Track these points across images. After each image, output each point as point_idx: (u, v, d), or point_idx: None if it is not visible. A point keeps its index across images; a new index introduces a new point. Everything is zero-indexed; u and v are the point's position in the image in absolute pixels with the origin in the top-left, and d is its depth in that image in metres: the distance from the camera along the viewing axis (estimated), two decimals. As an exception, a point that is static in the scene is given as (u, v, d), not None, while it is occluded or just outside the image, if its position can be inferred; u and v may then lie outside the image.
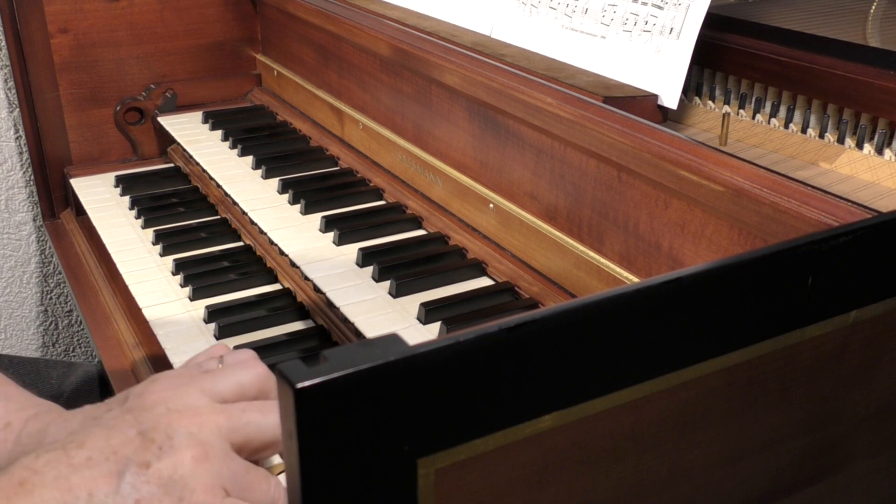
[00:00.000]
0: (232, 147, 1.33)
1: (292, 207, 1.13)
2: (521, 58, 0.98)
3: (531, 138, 0.92)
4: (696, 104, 0.96)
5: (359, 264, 0.99)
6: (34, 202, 1.59)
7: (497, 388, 0.38)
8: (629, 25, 0.92)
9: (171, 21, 1.45)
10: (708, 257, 0.74)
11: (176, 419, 0.57)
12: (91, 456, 0.53)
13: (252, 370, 0.64)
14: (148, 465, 0.54)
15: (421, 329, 0.87)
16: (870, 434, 0.56)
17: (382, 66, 1.18)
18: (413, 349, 0.35)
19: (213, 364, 0.69)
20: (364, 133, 1.25)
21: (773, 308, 0.45)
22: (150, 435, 0.55)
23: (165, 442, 0.55)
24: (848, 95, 0.83)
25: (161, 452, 0.54)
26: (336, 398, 0.34)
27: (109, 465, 0.53)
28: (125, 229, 1.19)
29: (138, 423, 0.56)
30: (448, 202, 1.07)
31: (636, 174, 0.79)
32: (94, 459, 0.53)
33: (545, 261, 0.92)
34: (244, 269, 1.06)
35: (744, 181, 0.67)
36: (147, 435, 0.55)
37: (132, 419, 0.56)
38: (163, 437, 0.55)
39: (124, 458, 0.54)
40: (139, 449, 0.54)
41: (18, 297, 1.66)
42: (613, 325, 0.40)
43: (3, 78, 1.51)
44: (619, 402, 0.42)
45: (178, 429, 0.56)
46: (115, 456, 0.54)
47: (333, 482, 0.36)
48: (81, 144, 1.44)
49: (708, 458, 0.48)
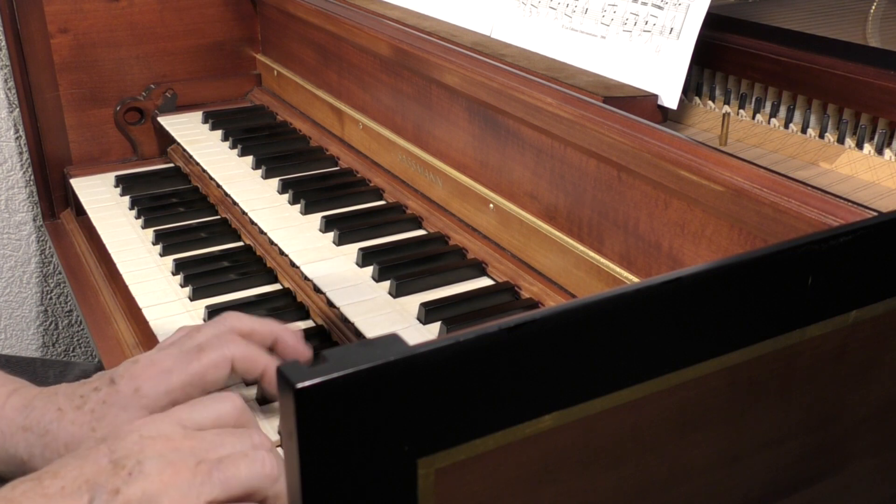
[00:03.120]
0: (232, 147, 1.33)
1: (292, 207, 1.13)
2: (521, 58, 0.98)
3: (531, 138, 0.92)
4: (696, 104, 0.96)
5: (359, 264, 0.99)
6: (34, 202, 1.59)
7: (497, 388, 0.38)
8: (629, 25, 0.92)
9: (171, 21, 1.45)
10: (708, 257, 0.74)
11: (148, 445, 0.58)
12: (64, 485, 0.55)
13: (229, 402, 0.65)
14: (117, 490, 0.55)
15: (421, 329, 0.87)
16: (870, 434, 0.56)
17: (382, 66, 1.18)
18: (413, 349, 0.35)
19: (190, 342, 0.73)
20: (364, 133, 1.25)
21: (773, 308, 0.45)
22: (121, 462, 0.56)
23: (135, 468, 0.56)
24: (848, 95, 0.83)
25: (130, 478, 0.55)
26: (336, 398, 0.34)
27: (81, 493, 0.55)
28: (125, 229, 1.19)
29: (111, 453, 0.57)
30: (448, 202, 1.07)
31: (636, 174, 0.79)
32: (66, 489, 0.55)
33: (545, 261, 0.92)
34: (244, 269, 1.06)
35: (744, 181, 0.67)
36: (119, 463, 0.56)
37: (106, 449, 0.58)
38: (133, 462, 0.56)
39: (95, 485, 0.55)
40: (110, 476, 0.56)
41: (18, 297, 1.66)
42: (613, 325, 0.40)
43: (3, 78, 1.51)
44: (619, 402, 0.42)
45: (148, 454, 0.57)
46: (86, 484, 0.55)
47: (333, 482, 0.36)
48: (81, 144, 1.44)
49: (708, 458, 0.48)
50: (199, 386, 0.72)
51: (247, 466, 0.58)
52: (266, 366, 0.75)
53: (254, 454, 0.59)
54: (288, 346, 0.79)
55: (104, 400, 0.69)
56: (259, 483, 0.58)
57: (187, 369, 0.71)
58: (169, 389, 0.70)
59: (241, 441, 0.60)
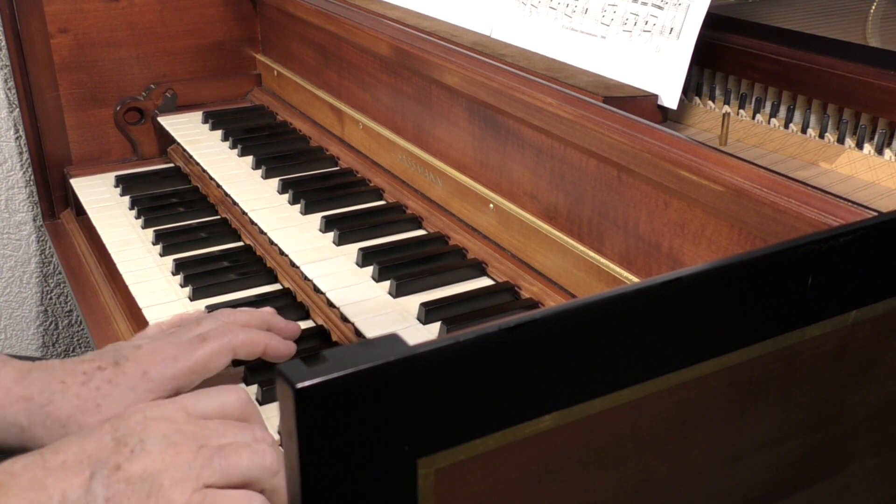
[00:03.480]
0: (232, 147, 1.33)
1: (292, 207, 1.13)
2: (521, 58, 0.98)
3: (531, 138, 0.92)
4: (696, 104, 0.96)
5: (359, 264, 0.99)
6: (34, 202, 1.59)
7: (497, 388, 0.38)
8: (629, 25, 0.92)
9: (171, 21, 1.45)
10: (708, 257, 0.74)
11: (152, 425, 0.58)
12: (66, 460, 0.56)
13: (234, 394, 0.66)
14: (119, 466, 0.55)
15: (421, 329, 0.87)
16: (870, 434, 0.56)
17: (382, 66, 1.18)
18: (413, 349, 0.35)
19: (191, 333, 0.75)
20: (364, 133, 1.25)
21: (773, 308, 0.45)
22: (123, 440, 0.57)
23: (137, 445, 0.57)
24: (848, 95, 0.83)
25: (132, 455, 0.56)
26: (336, 398, 0.34)
27: (82, 467, 0.56)
28: (125, 229, 1.19)
29: (114, 430, 0.58)
30: (448, 202, 1.07)
31: (636, 174, 0.79)
32: (68, 463, 0.56)
33: (545, 261, 0.92)
34: (244, 269, 1.06)
35: (744, 181, 0.67)
36: (121, 440, 0.57)
37: (109, 427, 0.58)
38: (135, 441, 0.57)
39: (97, 461, 0.56)
40: (112, 452, 0.56)
41: (18, 297, 1.66)
42: (613, 325, 0.40)
43: (3, 78, 1.51)
44: (619, 402, 0.42)
45: (151, 434, 0.58)
46: (88, 459, 0.56)
47: (333, 482, 0.36)
48: (81, 144, 1.44)
49: (708, 458, 0.48)
50: (202, 373, 0.75)
51: (248, 457, 0.59)
52: (266, 342, 0.79)
53: (256, 445, 0.60)
54: (279, 326, 0.83)
55: (110, 380, 0.71)
56: (259, 474, 0.59)
57: (192, 357, 0.74)
58: (174, 375, 0.73)
59: (243, 433, 0.61)
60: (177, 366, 0.73)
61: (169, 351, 0.74)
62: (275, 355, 0.80)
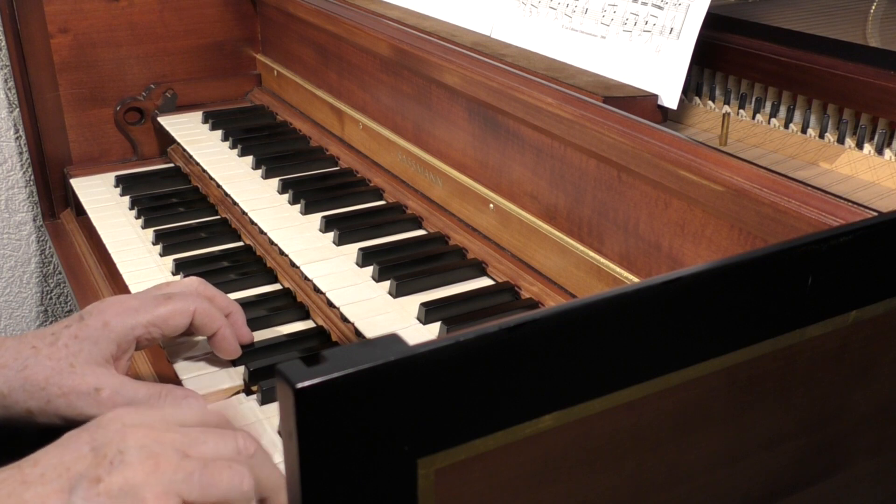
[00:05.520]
0: (232, 147, 1.33)
1: (292, 207, 1.13)
2: (521, 58, 0.98)
3: (531, 138, 0.92)
4: (696, 104, 0.96)
5: (359, 264, 0.99)
6: (34, 202, 1.59)
7: (497, 388, 0.38)
8: (629, 25, 0.92)
9: (171, 21, 1.45)
10: (708, 257, 0.74)
11: (130, 434, 0.57)
12: (44, 473, 0.55)
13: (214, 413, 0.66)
14: (99, 479, 0.54)
15: (421, 329, 0.87)
16: (870, 434, 0.56)
17: (382, 66, 1.18)
18: (413, 349, 0.35)
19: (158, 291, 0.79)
20: (364, 133, 1.25)
21: (773, 308, 0.45)
22: (102, 451, 0.56)
23: (117, 457, 0.56)
24: (848, 95, 0.83)
25: (112, 467, 0.55)
26: (336, 398, 0.34)
27: (62, 481, 0.55)
28: (125, 229, 1.19)
29: (92, 440, 0.57)
30: (448, 202, 1.07)
31: (636, 174, 0.79)
32: (46, 476, 0.55)
33: (545, 261, 0.92)
34: (244, 269, 1.06)
35: (744, 181, 0.67)
36: (100, 451, 0.56)
37: (87, 437, 0.58)
38: (114, 451, 0.56)
39: (76, 474, 0.55)
40: (91, 465, 0.55)
41: (18, 297, 1.66)
42: (613, 325, 0.40)
43: (3, 78, 1.51)
44: (619, 402, 0.42)
45: (130, 443, 0.57)
46: (67, 472, 0.55)
47: (333, 482, 0.36)
48: (81, 144, 1.44)
49: (708, 458, 0.48)
50: (162, 328, 0.78)
51: (228, 479, 0.57)
52: (221, 327, 0.82)
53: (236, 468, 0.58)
54: (237, 323, 0.85)
55: (75, 335, 0.74)
56: (234, 498, 0.58)
57: (154, 310, 0.78)
58: (134, 325, 0.76)
59: (224, 441, 0.60)
60: (137, 317, 0.76)
61: (132, 303, 0.78)
62: (222, 344, 0.83)
